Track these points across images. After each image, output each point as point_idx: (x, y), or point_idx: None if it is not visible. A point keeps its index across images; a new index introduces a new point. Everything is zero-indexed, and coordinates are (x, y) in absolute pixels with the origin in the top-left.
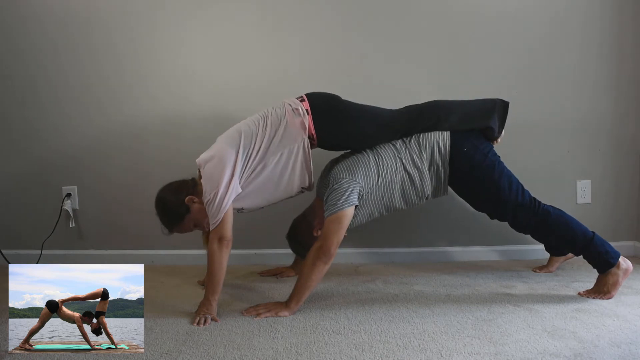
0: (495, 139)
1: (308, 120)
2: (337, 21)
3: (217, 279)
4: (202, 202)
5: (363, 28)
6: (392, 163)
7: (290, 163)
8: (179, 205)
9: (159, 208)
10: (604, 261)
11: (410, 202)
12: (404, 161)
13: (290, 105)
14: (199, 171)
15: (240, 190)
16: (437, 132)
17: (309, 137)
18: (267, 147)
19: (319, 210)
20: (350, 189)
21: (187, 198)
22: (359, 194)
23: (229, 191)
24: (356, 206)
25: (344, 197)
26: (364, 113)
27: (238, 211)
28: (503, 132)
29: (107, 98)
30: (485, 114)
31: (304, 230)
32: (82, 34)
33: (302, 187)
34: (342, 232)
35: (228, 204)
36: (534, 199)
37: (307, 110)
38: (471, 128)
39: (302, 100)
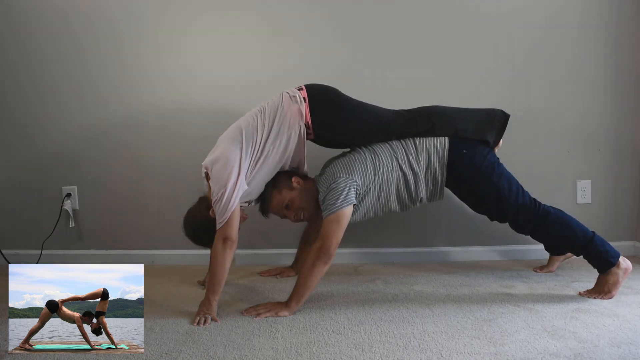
0: (492, 148)
1: (305, 108)
2: (338, 22)
3: (219, 279)
4: None
5: (364, 29)
6: (389, 162)
7: (288, 150)
8: (209, 220)
9: (196, 235)
10: (604, 261)
11: (404, 205)
12: (399, 161)
13: (288, 93)
14: (206, 175)
15: (246, 187)
16: (434, 137)
17: (305, 126)
18: (267, 137)
19: (309, 179)
20: (347, 188)
21: (211, 211)
22: (356, 192)
23: (235, 190)
24: (354, 204)
25: (342, 197)
26: (361, 109)
27: (248, 204)
28: (501, 142)
29: (107, 98)
30: (482, 127)
31: (286, 171)
32: (84, 35)
33: None
34: (342, 232)
35: (235, 203)
36: (534, 199)
37: (304, 98)
38: (466, 138)
39: (300, 89)
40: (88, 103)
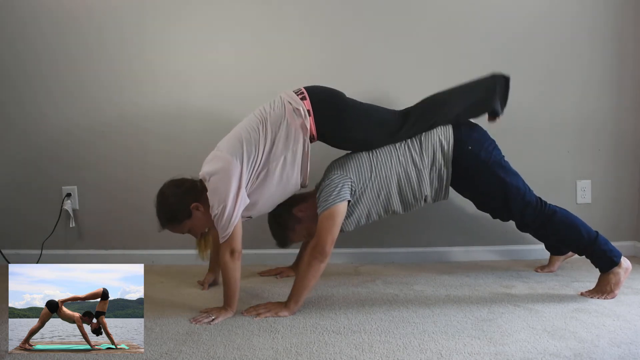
0: (497, 116)
1: (310, 122)
2: (338, 21)
3: (233, 289)
4: (207, 212)
5: (365, 26)
6: (387, 159)
7: (293, 165)
8: (183, 209)
9: (160, 204)
10: (607, 260)
11: (408, 204)
12: (400, 158)
13: (290, 103)
14: (204, 184)
15: (248, 200)
16: (440, 129)
17: (309, 137)
18: (270, 152)
19: (308, 197)
20: (341, 184)
21: (192, 205)
22: (352, 189)
23: (237, 204)
24: (350, 202)
25: (335, 193)
26: (367, 115)
27: (246, 219)
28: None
29: (108, 99)
30: (487, 99)
31: (285, 205)
32: (88, 35)
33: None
34: (337, 229)
35: (237, 217)
36: (539, 198)
37: (308, 110)
38: (475, 116)
39: (302, 98)
40: (89, 103)
